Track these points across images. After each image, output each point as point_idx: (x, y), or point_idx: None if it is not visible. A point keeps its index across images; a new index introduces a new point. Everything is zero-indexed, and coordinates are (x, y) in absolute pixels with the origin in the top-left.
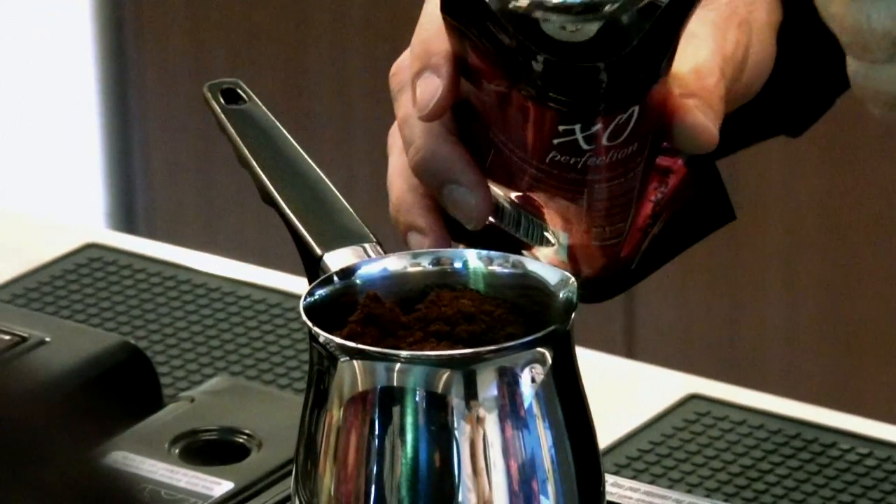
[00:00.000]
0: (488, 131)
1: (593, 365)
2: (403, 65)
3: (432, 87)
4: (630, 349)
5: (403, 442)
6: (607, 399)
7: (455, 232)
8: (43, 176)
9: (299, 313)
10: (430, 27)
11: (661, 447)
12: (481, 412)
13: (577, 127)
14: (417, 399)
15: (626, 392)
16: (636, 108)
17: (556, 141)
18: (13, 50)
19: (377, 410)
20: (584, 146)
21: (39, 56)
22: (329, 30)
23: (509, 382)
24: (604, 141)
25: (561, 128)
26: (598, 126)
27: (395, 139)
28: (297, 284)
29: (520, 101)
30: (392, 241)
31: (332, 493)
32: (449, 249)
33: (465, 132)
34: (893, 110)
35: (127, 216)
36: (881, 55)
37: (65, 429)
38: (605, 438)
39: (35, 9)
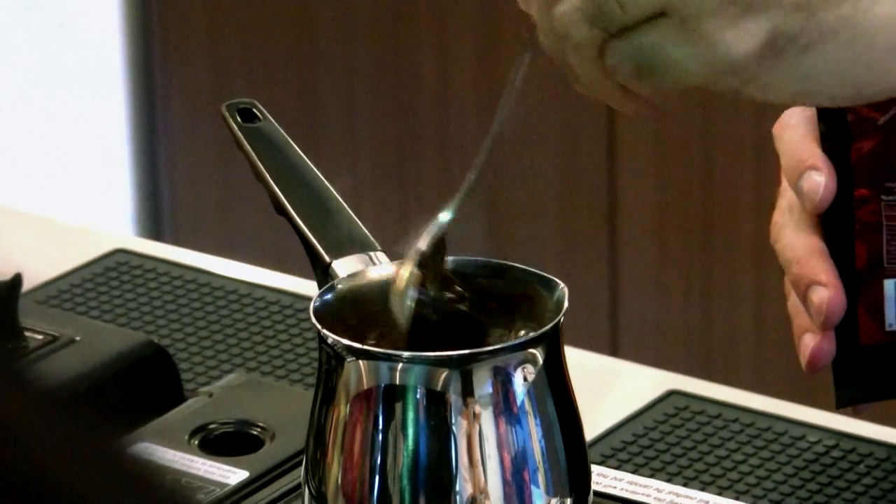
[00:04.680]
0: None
1: (580, 363)
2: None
3: (815, 183)
4: (614, 348)
5: (405, 435)
6: (593, 394)
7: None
8: (77, 186)
9: (310, 315)
10: (795, 140)
11: (643, 439)
12: (477, 408)
13: None
14: (418, 396)
15: (610, 388)
16: None
17: None
18: (52, 71)
19: (381, 406)
20: None
21: (75, 77)
22: (338, 54)
23: (503, 381)
24: None
25: None
26: None
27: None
28: (308, 287)
29: None
30: (390, 249)
31: (340, 481)
32: (447, 257)
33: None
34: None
35: (154, 224)
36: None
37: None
38: (591, 431)
39: (70, 30)
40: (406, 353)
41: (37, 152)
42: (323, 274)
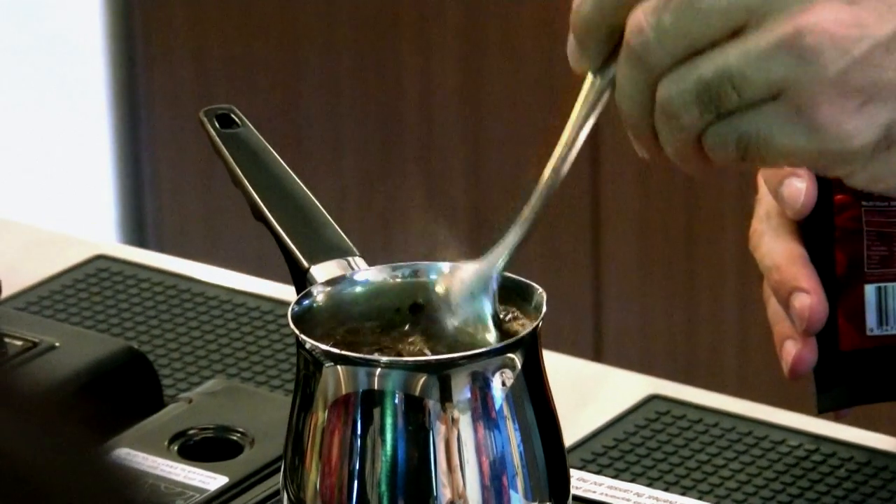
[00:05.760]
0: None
1: (564, 368)
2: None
3: (796, 190)
4: (597, 354)
5: (383, 441)
6: (576, 399)
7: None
8: (60, 193)
9: (288, 321)
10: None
11: (624, 444)
12: (455, 413)
13: None
14: (396, 401)
15: (591, 393)
16: None
17: None
18: (35, 78)
19: (359, 412)
20: None
21: (57, 81)
22: (321, 61)
23: (481, 386)
24: None
25: None
26: None
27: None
28: (289, 293)
29: None
30: (375, 254)
31: (318, 487)
32: (425, 262)
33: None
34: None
35: (137, 230)
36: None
37: (65, 430)
38: (572, 435)
39: (52, 37)
40: (384, 359)
41: (19, 158)
42: (301, 279)
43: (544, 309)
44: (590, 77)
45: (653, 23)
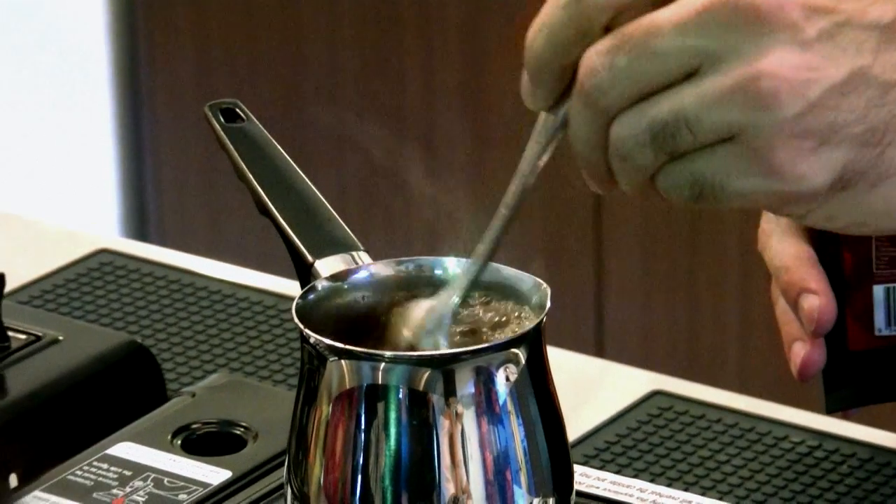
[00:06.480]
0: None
1: (566, 363)
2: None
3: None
4: (600, 349)
5: (387, 435)
6: (578, 394)
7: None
8: (64, 188)
9: (292, 315)
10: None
11: (626, 439)
12: (459, 408)
13: None
14: (400, 396)
15: (595, 388)
16: None
17: None
18: (39, 73)
19: (363, 406)
20: None
21: (62, 78)
22: (323, 57)
23: (485, 381)
24: None
25: None
26: None
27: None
28: (292, 288)
29: None
30: (379, 248)
31: (322, 481)
32: (429, 257)
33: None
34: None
35: (140, 225)
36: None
37: None
38: (575, 431)
39: (56, 32)
40: (388, 353)
41: (23, 153)
42: (306, 274)
43: (548, 304)
44: (543, 114)
45: (606, 64)
